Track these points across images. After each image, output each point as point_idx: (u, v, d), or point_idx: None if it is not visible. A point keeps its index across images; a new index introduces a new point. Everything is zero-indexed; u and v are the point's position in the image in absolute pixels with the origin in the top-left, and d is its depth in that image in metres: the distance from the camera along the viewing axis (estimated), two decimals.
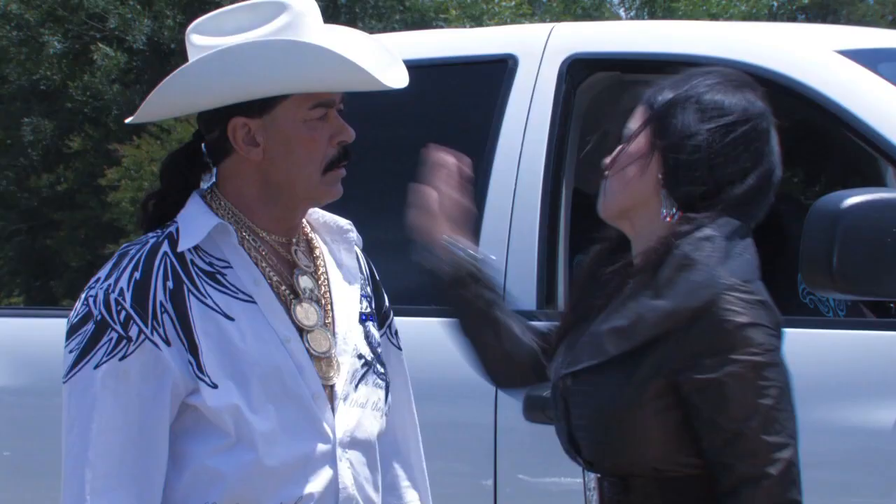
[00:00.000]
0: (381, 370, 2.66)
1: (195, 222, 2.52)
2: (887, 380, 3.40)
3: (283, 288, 2.54)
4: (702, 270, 2.40)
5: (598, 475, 2.53)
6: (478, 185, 3.98)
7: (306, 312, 2.55)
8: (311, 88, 2.48)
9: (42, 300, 24.14)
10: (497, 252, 3.89)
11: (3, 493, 4.51)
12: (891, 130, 3.57)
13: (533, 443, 3.58)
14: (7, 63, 24.41)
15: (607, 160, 2.60)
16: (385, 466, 2.70)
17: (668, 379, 2.41)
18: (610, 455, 2.49)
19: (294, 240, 2.59)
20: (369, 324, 2.67)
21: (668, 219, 2.51)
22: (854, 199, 3.22)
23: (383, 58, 2.56)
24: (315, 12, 2.54)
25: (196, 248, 2.50)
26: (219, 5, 21.28)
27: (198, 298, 2.46)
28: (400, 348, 2.79)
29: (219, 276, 2.49)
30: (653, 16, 22.45)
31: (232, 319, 2.47)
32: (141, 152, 21.28)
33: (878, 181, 4.74)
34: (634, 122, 2.59)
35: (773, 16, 22.04)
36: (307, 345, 2.53)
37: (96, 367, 2.42)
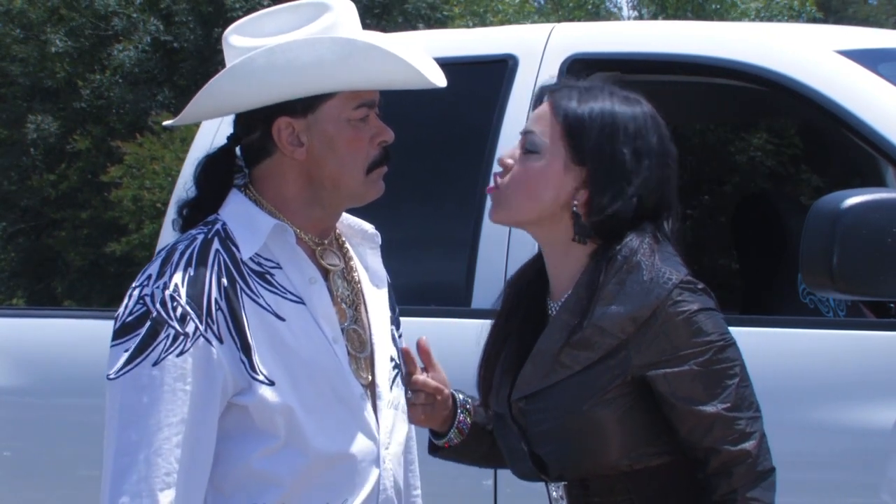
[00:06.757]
0: (404, 372, 2.69)
1: (249, 222, 2.50)
2: (887, 380, 3.40)
3: None
4: (647, 270, 2.44)
5: (566, 483, 2.55)
6: (478, 185, 3.99)
7: (340, 312, 2.55)
8: (361, 86, 2.48)
9: (44, 302, 24.06)
10: (497, 252, 3.89)
11: (3, 493, 4.51)
12: (891, 130, 3.57)
13: None
14: (10, 60, 24.39)
15: (507, 158, 2.58)
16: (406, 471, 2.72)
17: (633, 376, 2.44)
18: (579, 462, 2.50)
19: (326, 241, 2.59)
20: (392, 327, 2.69)
21: (580, 241, 2.53)
22: (854, 199, 3.22)
23: (423, 57, 2.56)
24: (354, 14, 2.53)
25: None
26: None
27: (250, 297, 2.45)
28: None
29: (268, 276, 2.48)
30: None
31: (283, 320, 2.46)
32: (143, 150, 21.25)
33: (878, 181, 4.74)
34: (541, 128, 2.55)
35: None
36: (346, 345, 2.54)
37: (155, 363, 2.38)
